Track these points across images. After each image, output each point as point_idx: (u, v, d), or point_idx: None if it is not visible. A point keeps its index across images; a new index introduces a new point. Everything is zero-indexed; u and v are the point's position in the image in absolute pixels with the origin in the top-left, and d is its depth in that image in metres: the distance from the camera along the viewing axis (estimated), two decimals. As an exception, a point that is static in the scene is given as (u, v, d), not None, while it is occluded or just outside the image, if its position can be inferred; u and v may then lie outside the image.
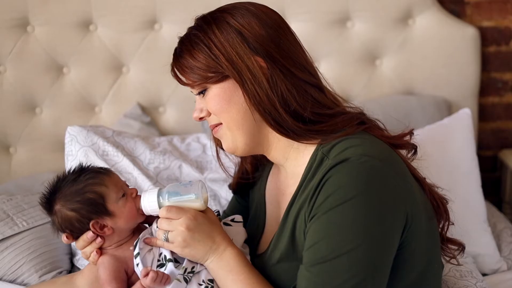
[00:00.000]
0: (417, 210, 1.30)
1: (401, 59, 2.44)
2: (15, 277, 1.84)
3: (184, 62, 1.37)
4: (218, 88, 1.36)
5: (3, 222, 1.91)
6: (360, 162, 1.24)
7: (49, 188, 1.42)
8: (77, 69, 2.40)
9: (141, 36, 2.39)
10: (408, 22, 2.41)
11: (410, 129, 1.44)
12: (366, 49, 2.42)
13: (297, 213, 1.32)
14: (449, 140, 2.10)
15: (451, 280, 1.75)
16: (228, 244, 1.36)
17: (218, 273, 1.34)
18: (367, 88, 2.46)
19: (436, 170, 1.99)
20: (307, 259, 1.24)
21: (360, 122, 1.36)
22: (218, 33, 1.34)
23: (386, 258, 1.24)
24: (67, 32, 2.37)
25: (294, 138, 1.35)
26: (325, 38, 2.40)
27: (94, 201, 1.38)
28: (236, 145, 1.39)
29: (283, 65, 1.33)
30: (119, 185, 1.43)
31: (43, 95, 2.41)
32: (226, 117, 1.37)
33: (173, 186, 1.40)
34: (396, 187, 1.26)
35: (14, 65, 2.37)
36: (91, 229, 1.39)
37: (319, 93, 1.36)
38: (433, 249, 1.36)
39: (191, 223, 1.33)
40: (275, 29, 1.35)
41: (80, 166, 1.45)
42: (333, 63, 2.43)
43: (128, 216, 1.41)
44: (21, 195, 2.05)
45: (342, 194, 1.22)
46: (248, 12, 1.36)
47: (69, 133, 2.01)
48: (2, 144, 2.43)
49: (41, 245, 1.90)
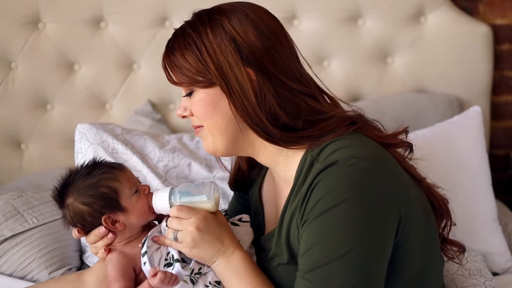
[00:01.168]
0: (412, 209, 1.28)
1: (413, 57, 2.42)
2: (25, 273, 1.85)
3: (174, 59, 1.35)
4: (204, 93, 1.34)
5: (13, 218, 1.92)
6: (348, 165, 1.22)
7: (61, 181, 1.42)
8: (88, 66, 2.41)
9: (151, 33, 2.39)
10: (420, 20, 2.39)
11: (404, 127, 1.42)
12: (377, 46, 2.41)
13: (290, 220, 1.30)
14: (458, 138, 2.09)
15: (460, 279, 1.74)
16: (236, 247, 1.35)
17: (225, 275, 1.34)
18: (378, 86, 2.44)
19: (445, 168, 1.99)
20: (301, 266, 1.23)
21: (350, 122, 1.34)
22: (211, 37, 1.31)
23: (381, 259, 1.23)
24: (78, 29, 2.37)
25: (283, 145, 1.33)
26: (336, 36, 2.39)
27: (107, 195, 1.38)
28: (216, 149, 1.38)
29: (276, 77, 1.31)
30: (133, 181, 1.42)
31: (54, 91, 2.41)
32: (209, 123, 1.35)
33: (185, 186, 1.39)
34: (387, 187, 1.24)
35: (26, 62, 2.38)
36: (103, 224, 1.38)
37: (313, 101, 1.34)
38: (432, 245, 1.35)
39: (201, 224, 1.33)
40: (271, 38, 1.32)
41: (93, 161, 1.44)
42: (344, 61, 2.42)
43: (140, 212, 1.40)
44: (31, 192, 2.06)
45: (332, 198, 1.21)
46: (246, 18, 1.32)
47: (79, 130, 2.02)
48: (13, 140, 2.43)
49: (51, 242, 1.90)
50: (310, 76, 1.40)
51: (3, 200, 1.98)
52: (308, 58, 2.34)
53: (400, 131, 1.40)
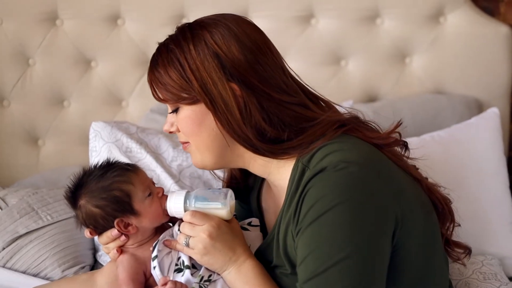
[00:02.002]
0: (409, 210, 1.26)
1: (432, 57, 2.39)
2: (38, 271, 1.85)
3: (158, 76, 1.34)
4: (190, 110, 1.32)
5: (28, 215, 1.92)
6: (337, 170, 1.20)
7: (74, 182, 1.41)
8: (104, 63, 2.41)
9: (168, 30, 2.30)
10: (439, 20, 2.36)
11: (396, 124, 1.39)
12: (395, 47, 2.38)
13: (285, 230, 1.29)
14: (475, 139, 2.06)
15: (474, 283, 1.72)
16: (248, 256, 1.33)
17: (235, 284, 1.32)
18: (396, 87, 2.42)
19: (461, 169, 1.97)
20: (299, 276, 1.22)
21: (339, 125, 1.32)
22: (194, 53, 1.29)
23: (379, 263, 1.20)
24: (95, 26, 2.38)
25: (272, 156, 1.32)
26: (354, 35, 2.37)
27: (120, 199, 1.37)
28: (204, 164, 1.38)
29: (261, 90, 1.29)
30: (146, 183, 1.41)
31: (71, 88, 2.42)
32: (196, 139, 1.34)
33: (201, 191, 1.38)
34: (378, 190, 1.22)
35: (43, 58, 2.39)
36: (116, 227, 1.38)
37: (302, 109, 1.32)
38: (433, 245, 1.33)
39: (213, 231, 1.31)
40: (255, 52, 1.30)
41: (107, 162, 1.43)
42: (361, 61, 2.39)
43: (154, 216, 1.39)
44: (46, 189, 2.06)
45: (322, 204, 1.19)
46: (228, 32, 1.30)
47: (93, 128, 2.02)
48: (30, 136, 2.45)
49: (64, 240, 1.91)
50: (301, 84, 1.38)
51: (18, 197, 1.99)
52: (325, 58, 2.38)
53: (392, 129, 1.38)
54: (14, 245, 1.87)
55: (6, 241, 1.87)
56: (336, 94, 2.37)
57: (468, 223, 1.87)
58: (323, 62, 2.39)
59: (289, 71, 1.38)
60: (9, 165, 2.45)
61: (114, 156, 1.94)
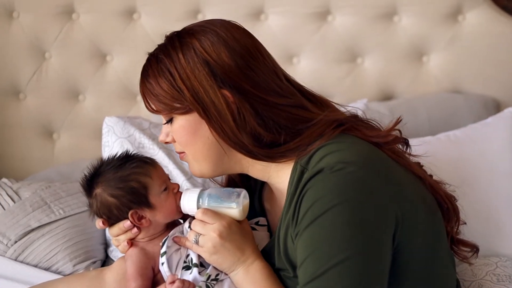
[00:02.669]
0: (410, 209, 1.24)
1: (449, 56, 2.36)
2: (50, 264, 1.86)
3: (150, 87, 1.33)
4: (184, 119, 1.32)
5: (40, 209, 1.93)
6: (334, 170, 1.19)
7: (92, 170, 1.41)
8: (120, 57, 2.41)
9: (184, 25, 2.35)
10: (457, 18, 2.33)
11: (395, 121, 1.37)
12: (413, 45, 2.36)
13: (285, 233, 1.28)
14: (491, 139, 2.03)
15: (487, 284, 1.70)
16: (257, 257, 1.33)
17: (242, 285, 1.31)
18: (412, 85, 2.39)
19: (475, 169, 1.94)
20: (300, 279, 1.20)
21: (337, 124, 1.30)
22: (184, 62, 1.28)
23: (379, 264, 1.18)
24: (111, 20, 2.37)
25: (269, 161, 1.31)
26: (371, 33, 2.34)
27: (136, 190, 1.36)
28: (202, 173, 1.37)
29: (254, 94, 1.28)
30: (163, 178, 1.41)
31: (86, 82, 2.42)
32: (192, 149, 1.34)
33: (215, 190, 1.38)
34: (377, 189, 1.20)
35: (59, 52, 2.39)
36: (129, 219, 1.37)
37: (299, 110, 1.31)
38: (438, 244, 1.31)
39: (224, 231, 1.31)
40: (245, 56, 1.29)
41: (126, 153, 1.43)
42: (378, 59, 2.37)
43: (168, 211, 1.39)
44: (59, 183, 2.07)
45: (319, 206, 1.18)
46: (217, 38, 1.29)
47: (106, 123, 2.02)
48: (46, 130, 2.46)
49: (76, 234, 1.91)
50: (297, 84, 1.37)
51: (31, 191, 2.00)
52: (341, 55, 2.36)
53: (391, 127, 1.36)
54: (26, 238, 1.88)
55: (18, 235, 1.87)
56: (351, 92, 2.37)
57: (481, 224, 1.86)
58: (339, 59, 2.37)
59: (284, 72, 1.36)
60: (24, 158, 2.46)
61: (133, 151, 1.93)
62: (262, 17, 2.35)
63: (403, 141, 1.38)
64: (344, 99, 2.33)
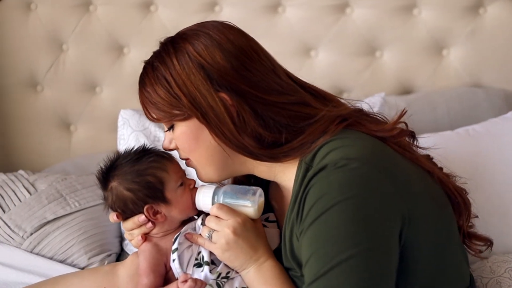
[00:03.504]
0: (417, 205, 1.21)
1: (470, 49, 2.33)
2: (65, 257, 1.86)
3: (147, 95, 1.31)
4: (184, 126, 1.31)
5: (56, 201, 1.93)
6: (337, 167, 1.17)
7: (108, 163, 1.40)
8: (137, 49, 2.40)
9: (201, 18, 2.32)
10: (478, 11, 2.30)
11: (400, 113, 1.34)
12: (432, 38, 2.33)
13: (291, 232, 1.26)
14: (510, 133, 1.99)
15: (505, 282, 1.67)
16: (269, 256, 1.31)
17: (253, 284, 1.30)
18: (432, 79, 2.36)
19: (493, 164, 1.91)
20: (305, 278, 1.18)
21: (341, 120, 1.28)
22: (179, 68, 1.27)
23: (385, 262, 1.15)
24: (128, 12, 2.37)
25: (273, 161, 1.30)
26: (390, 26, 2.32)
27: (153, 185, 1.35)
28: (209, 178, 1.36)
29: (253, 95, 1.26)
30: (180, 173, 1.39)
31: (104, 74, 2.42)
32: (195, 155, 1.33)
33: (230, 187, 1.37)
34: (381, 186, 1.17)
35: (76, 44, 2.39)
36: (145, 213, 1.36)
37: (302, 107, 1.29)
38: (448, 240, 1.28)
39: (238, 227, 1.29)
40: (240, 57, 1.27)
41: (143, 147, 1.42)
42: (396, 52, 2.35)
43: (183, 206, 1.38)
44: (75, 175, 2.08)
45: (323, 204, 1.16)
46: (210, 40, 1.27)
47: (122, 116, 2.02)
48: (63, 122, 2.46)
49: (92, 227, 1.91)
50: (300, 80, 1.35)
51: (47, 183, 2.00)
52: (359, 48, 2.34)
53: (396, 120, 1.33)
54: (41, 230, 1.88)
55: (34, 227, 1.88)
56: (369, 85, 2.35)
57: (499, 220, 1.84)
58: (357, 52, 2.34)
59: (285, 70, 1.35)
60: (41, 150, 2.47)
61: (150, 145, 1.93)
62: (279, 10, 2.34)
63: (409, 133, 1.35)
64: (362, 93, 2.31)
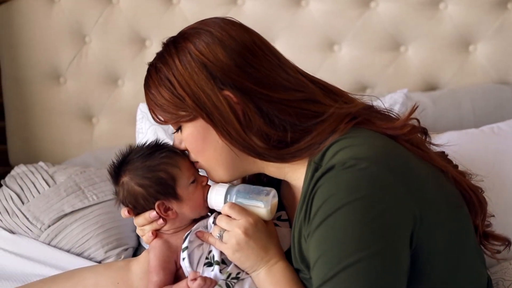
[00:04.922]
0: (429, 205, 1.17)
1: (497, 46, 2.29)
2: (82, 250, 1.86)
3: (152, 98, 1.30)
4: (191, 127, 1.28)
5: (74, 194, 1.93)
6: (346, 167, 1.13)
7: (120, 158, 1.38)
8: (159, 42, 2.35)
9: (223, 11, 2.34)
10: (507, 6, 2.26)
11: (411, 110, 1.30)
12: (459, 33, 2.29)
13: (299, 234, 1.23)
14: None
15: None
16: (280, 258, 1.28)
17: (263, 286, 1.27)
18: (457, 76, 2.33)
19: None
20: (313, 281, 1.15)
21: (350, 118, 1.24)
22: (181, 68, 1.24)
23: (395, 265, 1.11)
24: (151, 5, 2.36)
25: (281, 162, 1.27)
26: (415, 20, 2.28)
27: (164, 181, 1.34)
28: (221, 178, 1.34)
29: (258, 92, 1.23)
30: (192, 170, 1.37)
31: (125, 67, 2.42)
32: (204, 156, 1.31)
33: (244, 186, 1.34)
34: (391, 187, 1.13)
35: (99, 36, 2.39)
36: (156, 210, 1.35)
37: (310, 104, 1.25)
38: (463, 240, 1.23)
39: (250, 228, 1.27)
40: (243, 54, 1.25)
41: (155, 142, 1.41)
42: (422, 47, 2.31)
43: (195, 204, 1.36)
44: (94, 168, 2.08)
45: (330, 205, 1.12)
46: (212, 38, 1.25)
47: (141, 110, 2.01)
48: (85, 114, 2.46)
49: (109, 221, 1.91)
50: (310, 76, 1.31)
51: (66, 175, 2.01)
52: (384, 43, 2.30)
53: (406, 116, 1.29)
54: (59, 223, 1.89)
55: (52, 219, 1.88)
56: (393, 81, 2.32)
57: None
58: (381, 47, 2.31)
59: (293, 65, 1.31)
60: (63, 142, 2.48)
61: (159, 139, 1.92)
62: (303, 3, 2.31)
63: (421, 130, 1.32)
64: (385, 88, 2.28)
